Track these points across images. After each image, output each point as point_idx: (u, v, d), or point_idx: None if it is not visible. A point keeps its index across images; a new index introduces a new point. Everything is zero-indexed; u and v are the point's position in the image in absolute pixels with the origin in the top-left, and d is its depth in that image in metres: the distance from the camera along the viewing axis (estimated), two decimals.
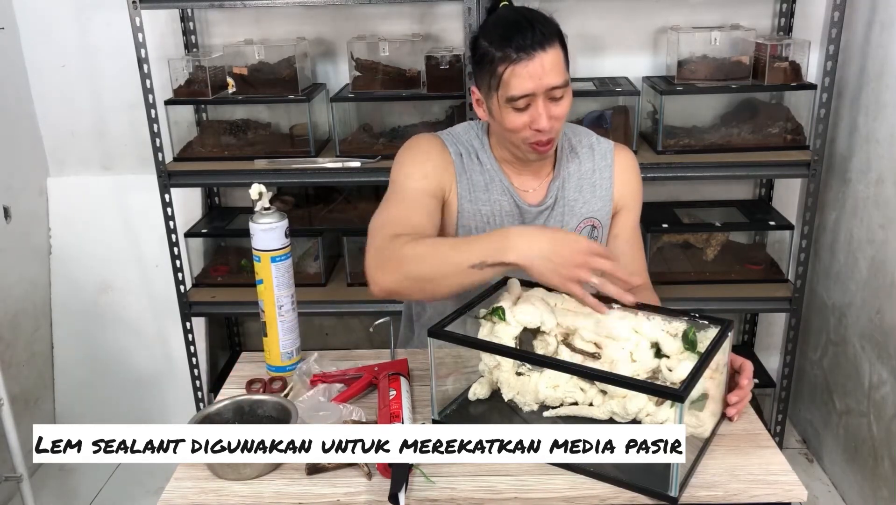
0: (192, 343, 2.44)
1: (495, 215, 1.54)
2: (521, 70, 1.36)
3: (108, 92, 2.55)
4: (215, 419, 1.26)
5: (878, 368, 2.16)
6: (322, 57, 2.50)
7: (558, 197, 1.56)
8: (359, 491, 1.13)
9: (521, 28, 1.37)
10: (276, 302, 1.42)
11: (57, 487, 2.55)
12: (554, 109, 1.40)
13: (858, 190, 2.28)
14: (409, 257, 1.30)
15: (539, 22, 1.38)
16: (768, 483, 1.12)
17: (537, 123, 1.39)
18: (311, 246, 2.45)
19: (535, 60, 1.35)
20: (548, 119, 1.39)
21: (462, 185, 1.53)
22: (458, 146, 1.55)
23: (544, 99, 1.38)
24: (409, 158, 1.52)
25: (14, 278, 2.50)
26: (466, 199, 1.53)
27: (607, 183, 1.58)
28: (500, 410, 1.28)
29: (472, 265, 1.24)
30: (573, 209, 1.56)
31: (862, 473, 2.27)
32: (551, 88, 1.37)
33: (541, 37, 1.36)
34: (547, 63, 1.36)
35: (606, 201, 1.58)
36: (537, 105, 1.38)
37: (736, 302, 2.32)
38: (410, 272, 1.30)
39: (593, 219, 1.58)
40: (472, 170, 1.54)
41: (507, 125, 1.42)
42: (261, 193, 1.39)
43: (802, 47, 2.23)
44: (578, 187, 1.57)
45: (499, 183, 1.54)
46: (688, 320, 1.23)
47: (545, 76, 1.36)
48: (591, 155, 1.59)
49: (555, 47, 1.37)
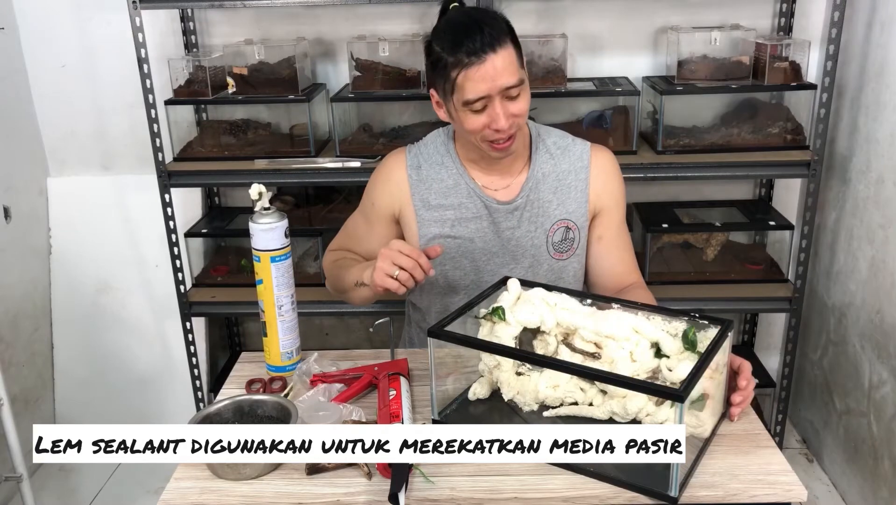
0: (192, 343, 2.44)
1: (460, 219, 1.57)
2: (473, 74, 1.38)
3: (108, 92, 2.55)
4: (215, 419, 1.26)
5: (878, 368, 2.16)
6: (322, 57, 2.50)
7: (531, 198, 1.57)
8: (359, 491, 1.13)
9: (470, 31, 1.39)
10: (276, 302, 1.42)
11: (57, 487, 2.55)
12: (511, 108, 1.42)
13: (858, 190, 2.28)
14: (326, 271, 1.72)
15: (488, 24, 1.40)
16: (768, 483, 1.12)
17: (496, 123, 1.41)
18: (311, 246, 2.45)
19: (486, 63, 1.38)
20: (506, 118, 1.41)
21: (417, 197, 1.58)
22: (420, 158, 1.60)
23: (500, 99, 1.40)
24: (371, 182, 1.67)
25: (14, 278, 2.50)
26: (424, 207, 1.58)
27: (583, 185, 1.59)
28: (500, 410, 1.28)
29: (355, 283, 1.53)
30: (546, 210, 1.57)
31: (862, 473, 2.27)
32: (506, 88, 1.39)
33: (490, 38, 1.38)
34: (499, 64, 1.38)
35: (582, 203, 1.59)
36: (494, 106, 1.40)
37: (736, 302, 2.32)
38: (329, 283, 1.71)
39: (568, 220, 1.58)
40: (433, 178, 1.58)
41: (467, 127, 1.44)
42: (261, 193, 1.39)
43: (802, 47, 2.23)
44: (553, 189, 1.58)
45: (464, 186, 1.56)
46: (688, 320, 1.23)
47: (498, 77, 1.38)
48: (567, 156, 1.60)
49: (505, 47, 1.39)
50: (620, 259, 1.62)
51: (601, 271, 1.63)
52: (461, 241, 1.58)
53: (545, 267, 1.60)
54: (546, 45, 2.28)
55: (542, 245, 1.59)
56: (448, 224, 1.57)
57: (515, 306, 1.28)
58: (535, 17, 2.40)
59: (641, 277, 1.64)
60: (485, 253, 1.59)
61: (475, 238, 1.58)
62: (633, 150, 2.24)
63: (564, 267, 1.61)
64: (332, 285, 1.70)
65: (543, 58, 2.27)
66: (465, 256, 1.59)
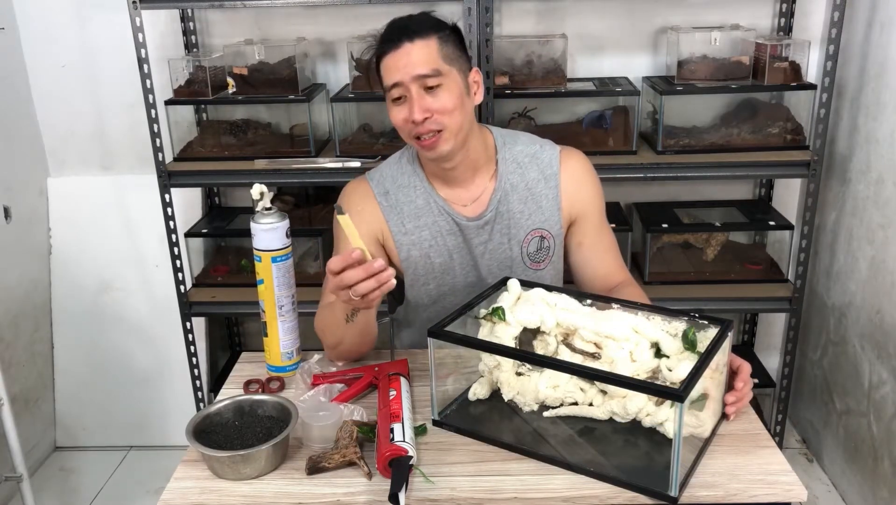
0: (192, 343, 2.44)
1: (436, 237, 1.55)
2: (388, 61, 1.42)
3: (108, 92, 2.55)
4: (215, 419, 1.26)
5: (878, 368, 2.16)
6: (322, 57, 2.50)
7: (500, 210, 1.54)
8: (359, 491, 1.13)
9: (394, 25, 1.44)
10: (276, 302, 1.42)
11: (57, 487, 2.55)
12: (430, 102, 1.41)
13: (858, 190, 2.28)
14: (319, 332, 1.51)
15: (415, 19, 1.45)
16: (768, 483, 1.13)
17: (411, 115, 1.41)
18: (312, 246, 2.45)
19: (401, 50, 1.40)
20: (420, 111, 1.40)
21: (392, 223, 1.55)
22: (385, 184, 1.57)
23: (418, 89, 1.41)
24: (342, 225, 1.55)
25: (14, 278, 2.50)
26: (401, 232, 1.55)
27: (553, 193, 1.55)
28: (500, 410, 1.28)
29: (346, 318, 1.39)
30: (518, 222, 1.55)
31: (862, 473, 2.27)
32: (420, 77, 1.40)
33: (409, 31, 1.41)
34: (414, 53, 1.40)
35: (554, 212, 1.56)
36: (411, 96, 1.41)
37: (736, 302, 2.32)
38: (329, 343, 1.49)
39: (541, 230, 1.56)
40: (403, 201, 1.55)
41: (392, 120, 1.46)
42: (262, 193, 1.39)
43: (802, 47, 2.23)
44: (523, 199, 1.55)
45: (434, 204, 1.54)
46: (688, 320, 1.24)
47: (410, 65, 1.40)
48: (535, 164, 1.56)
49: (426, 38, 1.41)
50: (603, 262, 1.59)
51: (586, 276, 1.60)
52: (442, 260, 1.56)
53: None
54: (546, 45, 2.28)
55: (517, 257, 1.56)
56: (426, 245, 1.55)
57: (515, 306, 1.28)
58: (535, 17, 2.41)
59: (629, 274, 1.61)
60: (462, 268, 1.57)
61: (453, 254, 1.56)
62: (633, 150, 2.24)
63: (541, 277, 1.58)
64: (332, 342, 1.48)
65: (543, 58, 2.27)
66: (447, 272, 1.57)
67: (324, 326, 1.48)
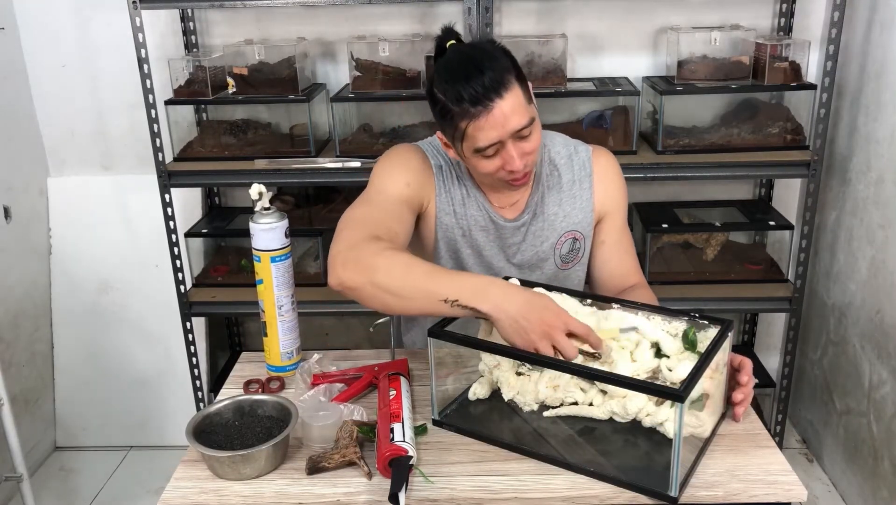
0: (192, 343, 2.44)
1: (471, 228, 1.54)
2: (482, 123, 1.32)
3: (108, 92, 2.55)
4: (215, 419, 1.26)
5: (878, 368, 2.16)
6: (322, 57, 2.50)
7: (537, 212, 1.54)
8: (359, 491, 1.13)
9: (471, 78, 1.31)
10: (276, 302, 1.42)
11: (57, 487, 2.55)
12: (525, 147, 1.37)
13: (858, 190, 2.28)
14: (382, 267, 1.26)
15: (488, 65, 1.32)
16: (768, 483, 1.13)
17: (510, 165, 1.36)
18: (312, 246, 2.45)
19: (494, 111, 1.31)
20: (520, 159, 1.36)
21: (441, 199, 1.51)
22: (439, 158, 1.53)
23: (513, 140, 1.35)
24: (394, 165, 1.49)
25: (14, 278, 2.50)
26: (445, 211, 1.52)
27: (587, 193, 1.56)
28: (500, 410, 1.28)
29: (444, 300, 1.22)
30: (553, 224, 1.55)
31: (862, 473, 2.27)
32: (517, 130, 1.34)
33: (494, 83, 1.30)
34: (507, 109, 1.31)
35: (588, 212, 1.56)
36: (507, 149, 1.35)
37: (736, 302, 2.32)
38: (379, 281, 1.25)
39: (575, 231, 1.56)
40: (452, 183, 1.52)
41: (480, 170, 1.40)
42: (261, 193, 1.39)
43: (802, 47, 2.23)
44: (558, 201, 1.55)
45: (475, 199, 1.53)
46: (688, 320, 1.24)
47: (507, 122, 1.32)
48: (571, 166, 1.56)
49: (511, 88, 1.32)
50: (622, 262, 1.60)
51: (603, 275, 1.61)
52: (471, 252, 1.56)
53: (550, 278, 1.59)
54: (546, 45, 2.27)
55: (548, 259, 1.57)
56: (460, 232, 1.54)
57: None
58: (535, 17, 2.41)
59: (643, 278, 1.63)
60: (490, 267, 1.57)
61: (483, 251, 1.56)
62: (633, 150, 2.24)
63: (569, 276, 1.60)
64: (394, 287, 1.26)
65: (543, 58, 2.27)
66: (476, 266, 1.57)
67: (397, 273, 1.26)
